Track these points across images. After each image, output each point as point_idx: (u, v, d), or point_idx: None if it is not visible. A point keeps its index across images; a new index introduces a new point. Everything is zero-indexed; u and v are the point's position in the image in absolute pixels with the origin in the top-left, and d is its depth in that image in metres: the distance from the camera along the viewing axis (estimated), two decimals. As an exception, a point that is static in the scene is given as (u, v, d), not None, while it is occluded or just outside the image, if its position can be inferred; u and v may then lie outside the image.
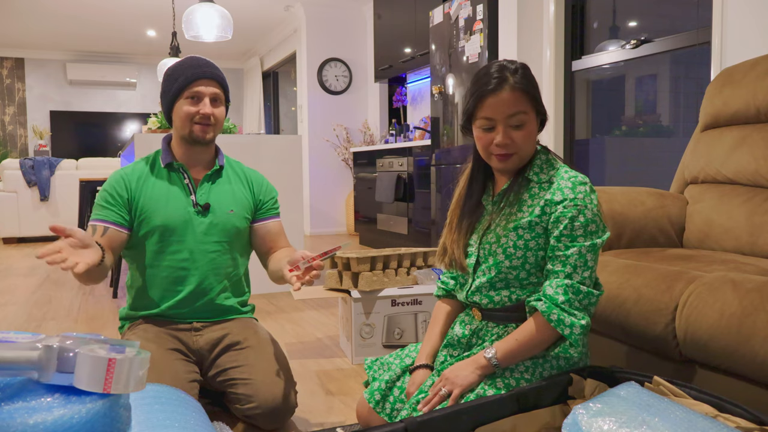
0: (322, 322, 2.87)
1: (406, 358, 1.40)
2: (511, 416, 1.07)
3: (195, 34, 4.09)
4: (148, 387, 1.09)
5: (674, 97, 3.13)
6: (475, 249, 1.29)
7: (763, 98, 1.79)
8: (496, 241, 1.24)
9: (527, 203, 1.23)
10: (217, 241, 1.68)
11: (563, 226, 1.17)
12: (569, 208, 1.17)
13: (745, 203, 1.74)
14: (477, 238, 1.30)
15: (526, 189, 1.25)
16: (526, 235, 1.21)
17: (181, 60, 1.68)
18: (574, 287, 1.14)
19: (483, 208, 1.33)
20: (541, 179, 1.25)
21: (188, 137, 1.65)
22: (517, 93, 1.19)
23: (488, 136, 1.23)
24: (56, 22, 7.26)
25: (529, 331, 1.17)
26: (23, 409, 0.75)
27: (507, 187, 1.28)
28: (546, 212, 1.20)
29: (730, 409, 0.97)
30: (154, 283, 1.66)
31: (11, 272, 4.44)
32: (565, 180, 1.21)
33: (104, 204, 1.64)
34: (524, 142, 1.22)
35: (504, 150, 1.22)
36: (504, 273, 1.24)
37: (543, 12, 3.59)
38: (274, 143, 3.53)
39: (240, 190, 1.75)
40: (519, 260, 1.22)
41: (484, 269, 1.27)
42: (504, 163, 1.24)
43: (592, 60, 3.44)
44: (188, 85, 1.62)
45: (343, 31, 6.88)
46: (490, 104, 1.20)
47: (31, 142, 8.88)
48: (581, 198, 1.18)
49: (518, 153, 1.23)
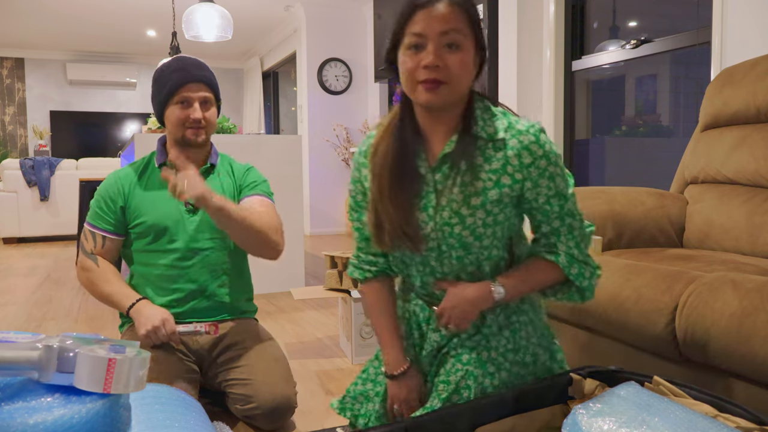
0: (322, 322, 2.87)
1: (380, 376, 1.23)
2: (511, 416, 1.07)
3: (195, 34, 4.09)
4: (148, 387, 1.09)
5: (674, 97, 3.13)
6: (429, 230, 1.10)
7: (763, 98, 1.79)
8: (460, 221, 1.07)
9: (484, 169, 1.07)
10: (210, 238, 1.68)
11: (546, 187, 1.07)
12: (544, 166, 1.06)
13: (745, 203, 1.74)
14: (426, 217, 1.11)
15: (478, 151, 1.08)
16: (494, 209, 1.08)
17: (168, 62, 1.67)
18: (582, 234, 1.12)
19: (420, 176, 1.12)
20: (491, 134, 1.07)
21: (181, 141, 1.67)
22: (456, 8, 1.02)
23: (416, 58, 1.03)
24: (56, 22, 7.26)
25: (541, 275, 1.13)
26: (23, 409, 0.75)
27: (453, 150, 1.08)
28: (517, 179, 1.06)
29: (730, 409, 0.97)
30: (150, 283, 1.67)
31: (11, 272, 4.44)
32: (525, 134, 1.06)
33: (99, 211, 1.68)
34: (459, 70, 1.03)
35: (434, 74, 1.01)
36: (473, 256, 1.11)
37: (543, 12, 3.59)
38: (274, 143, 3.53)
39: (228, 183, 1.75)
40: (489, 239, 1.09)
41: (446, 252, 1.11)
42: (432, 95, 1.03)
43: (592, 60, 3.44)
44: (176, 90, 1.62)
45: (343, 31, 6.88)
46: (422, 17, 1.02)
47: (31, 142, 8.88)
48: (548, 149, 1.06)
49: (450, 83, 1.03)
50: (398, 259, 1.20)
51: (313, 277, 4.01)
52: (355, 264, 1.26)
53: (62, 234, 6.28)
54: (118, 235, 1.69)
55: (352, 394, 1.27)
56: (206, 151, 1.76)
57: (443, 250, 1.12)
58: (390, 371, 1.19)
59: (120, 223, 1.68)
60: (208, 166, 1.74)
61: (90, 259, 1.66)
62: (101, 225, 1.68)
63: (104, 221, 1.67)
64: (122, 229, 1.69)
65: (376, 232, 1.13)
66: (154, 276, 1.66)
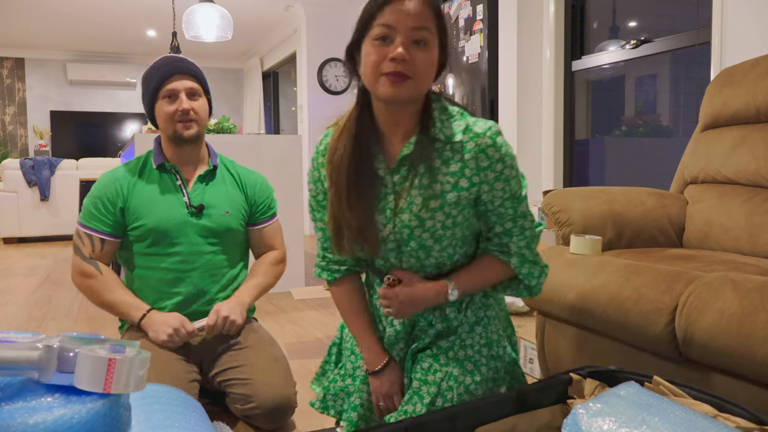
0: (322, 322, 2.87)
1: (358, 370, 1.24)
2: (511, 416, 1.07)
3: (195, 34, 4.09)
4: (148, 387, 1.09)
5: (674, 97, 3.13)
6: (388, 232, 1.12)
7: (763, 98, 1.79)
8: (420, 224, 1.09)
9: (442, 171, 1.08)
10: (212, 243, 1.67)
11: (501, 190, 1.09)
12: (500, 170, 1.07)
13: (745, 203, 1.74)
14: (384, 219, 1.11)
15: (436, 153, 1.09)
16: (453, 211, 1.09)
17: (155, 62, 1.67)
18: (532, 234, 1.16)
19: (379, 178, 1.12)
20: (449, 137, 1.08)
21: (173, 137, 1.64)
22: (427, 7, 1.03)
23: (382, 50, 1.02)
24: (56, 22, 7.26)
25: (493, 273, 1.18)
26: (23, 409, 0.75)
27: (411, 152, 1.09)
28: (474, 182, 1.08)
29: (730, 409, 0.97)
30: (148, 286, 1.65)
31: (11, 272, 4.44)
32: (482, 136, 1.07)
33: (96, 212, 1.63)
34: (425, 67, 1.04)
35: (400, 67, 1.01)
36: (433, 257, 1.14)
37: (543, 12, 3.59)
38: (274, 143, 3.53)
39: (235, 193, 1.74)
40: (448, 239, 1.12)
41: (406, 255, 1.14)
42: (396, 88, 1.02)
43: (592, 60, 3.44)
44: (162, 84, 1.61)
45: (343, 31, 6.83)
46: (393, 10, 1.01)
47: (32, 142, 8.88)
48: (504, 152, 1.07)
49: (414, 78, 1.03)
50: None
51: (313, 277, 4.01)
52: (323, 265, 1.25)
53: (62, 234, 6.28)
54: (116, 237, 1.64)
55: (332, 392, 1.28)
56: (203, 151, 1.73)
57: (402, 251, 1.15)
58: (371, 368, 1.21)
59: (119, 225, 1.64)
60: (211, 168, 1.73)
61: (90, 265, 1.61)
62: (98, 227, 1.62)
63: (102, 223, 1.63)
64: (120, 231, 1.64)
65: (335, 238, 1.14)
66: (154, 280, 1.64)
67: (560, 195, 1.88)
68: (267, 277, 1.77)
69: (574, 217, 1.80)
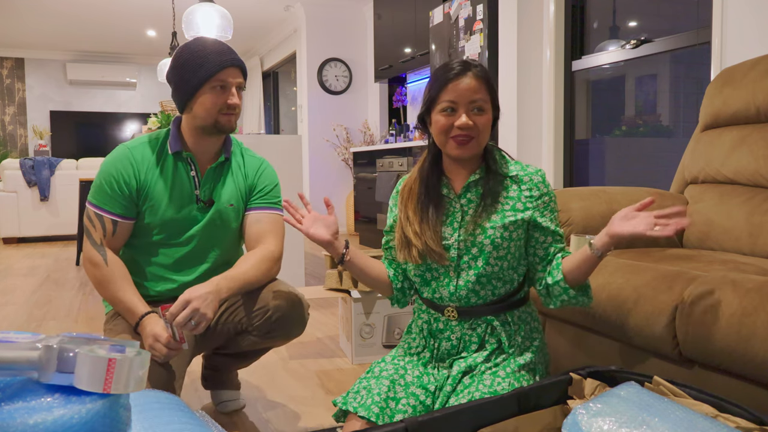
0: (322, 322, 2.87)
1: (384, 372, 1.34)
2: (513, 417, 1.07)
3: (195, 34, 4.09)
4: (147, 389, 1.09)
5: (674, 97, 3.13)
6: (453, 241, 1.31)
7: (763, 98, 1.79)
8: (483, 232, 1.28)
9: (503, 195, 1.32)
10: (218, 235, 1.65)
11: (548, 216, 1.33)
12: (547, 201, 1.33)
13: (745, 203, 1.74)
14: (452, 231, 1.32)
15: (501, 184, 1.33)
16: (510, 227, 1.30)
17: (196, 44, 1.55)
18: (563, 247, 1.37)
19: (447, 200, 1.36)
20: (506, 173, 1.34)
21: (211, 127, 1.57)
22: (480, 80, 1.28)
23: (449, 119, 1.28)
24: (56, 22, 7.26)
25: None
26: (23, 409, 0.75)
27: (479, 179, 1.33)
28: (528, 206, 1.31)
29: (730, 409, 0.97)
30: (148, 273, 1.61)
31: (11, 272, 4.44)
32: (534, 175, 1.33)
33: (110, 191, 1.53)
34: (484, 128, 1.28)
35: (465, 132, 1.27)
36: (491, 264, 1.29)
37: (543, 12, 3.59)
38: (274, 143, 3.53)
39: (240, 181, 1.68)
40: (504, 251, 1.29)
41: (468, 261, 1.30)
42: (462, 149, 1.28)
43: (592, 60, 3.44)
44: (215, 73, 1.52)
45: (343, 31, 6.88)
46: (454, 88, 1.27)
47: (31, 142, 8.89)
48: (551, 189, 1.35)
49: (477, 138, 1.28)
50: (420, 273, 1.37)
51: (313, 277, 4.01)
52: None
53: (62, 234, 6.29)
54: (129, 219, 1.55)
55: (355, 390, 1.32)
56: (222, 141, 1.67)
57: (462, 262, 1.30)
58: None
59: (132, 206, 1.55)
60: (222, 159, 1.65)
61: (98, 253, 1.53)
62: (111, 208, 1.53)
63: (115, 203, 1.53)
64: (133, 213, 1.56)
65: (399, 244, 1.36)
66: (156, 265, 1.61)
67: (560, 195, 1.88)
68: (254, 271, 1.56)
69: (574, 217, 1.80)
